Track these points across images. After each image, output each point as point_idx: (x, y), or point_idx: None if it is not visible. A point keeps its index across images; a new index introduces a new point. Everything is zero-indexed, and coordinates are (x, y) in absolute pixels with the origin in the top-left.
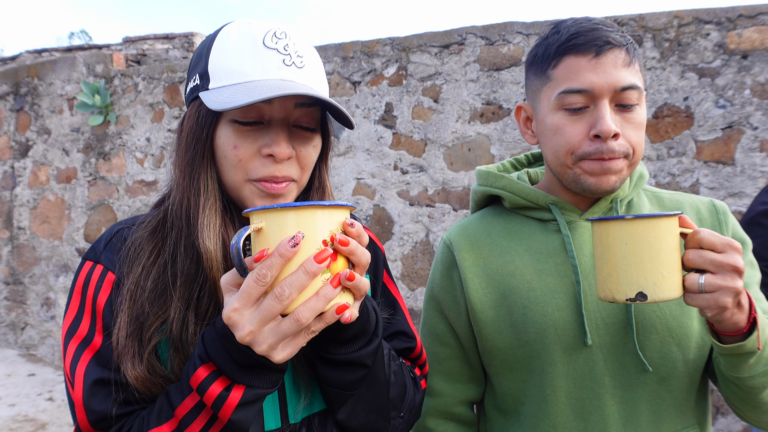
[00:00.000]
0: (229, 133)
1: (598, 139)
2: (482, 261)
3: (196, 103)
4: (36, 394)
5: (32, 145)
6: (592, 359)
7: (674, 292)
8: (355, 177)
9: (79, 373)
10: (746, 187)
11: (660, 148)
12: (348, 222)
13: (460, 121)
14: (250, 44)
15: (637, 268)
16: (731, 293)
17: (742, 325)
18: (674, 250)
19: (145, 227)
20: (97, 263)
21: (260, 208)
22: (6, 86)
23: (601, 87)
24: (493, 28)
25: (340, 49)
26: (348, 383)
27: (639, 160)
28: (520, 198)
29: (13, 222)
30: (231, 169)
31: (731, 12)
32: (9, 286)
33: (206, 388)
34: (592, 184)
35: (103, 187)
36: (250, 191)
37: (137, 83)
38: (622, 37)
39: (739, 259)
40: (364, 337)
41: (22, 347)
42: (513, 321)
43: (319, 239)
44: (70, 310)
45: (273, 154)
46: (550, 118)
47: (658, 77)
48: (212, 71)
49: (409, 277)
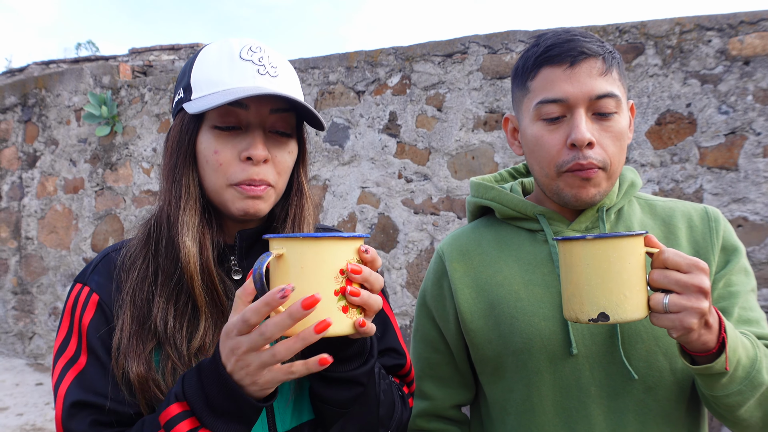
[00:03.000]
0: (210, 138)
1: (575, 147)
2: (472, 271)
3: (181, 114)
4: (44, 404)
5: (40, 155)
6: (578, 369)
7: (637, 312)
8: (359, 186)
9: (61, 393)
10: (750, 192)
11: (663, 155)
12: (363, 249)
13: (463, 129)
14: (228, 57)
15: (599, 289)
16: (696, 314)
17: (711, 345)
18: (638, 270)
19: (138, 239)
20: (85, 285)
21: (282, 236)
22: (14, 97)
23: (576, 96)
24: (496, 37)
25: (344, 59)
26: (343, 401)
27: (617, 171)
28: (508, 209)
29: (21, 232)
30: (212, 173)
31: (733, 18)
32: (17, 295)
33: (173, 425)
34: (572, 197)
35: (110, 197)
36: (231, 195)
37: (143, 94)
38: (599, 47)
39: (704, 280)
40: (362, 355)
41: (30, 357)
42: (501, 331)
43: (336, 268)
44: (60, 330)
45: (250, 156)
46: (531, 129)
47: (660, 84)
48: (194, 83)
49: (414, 285)
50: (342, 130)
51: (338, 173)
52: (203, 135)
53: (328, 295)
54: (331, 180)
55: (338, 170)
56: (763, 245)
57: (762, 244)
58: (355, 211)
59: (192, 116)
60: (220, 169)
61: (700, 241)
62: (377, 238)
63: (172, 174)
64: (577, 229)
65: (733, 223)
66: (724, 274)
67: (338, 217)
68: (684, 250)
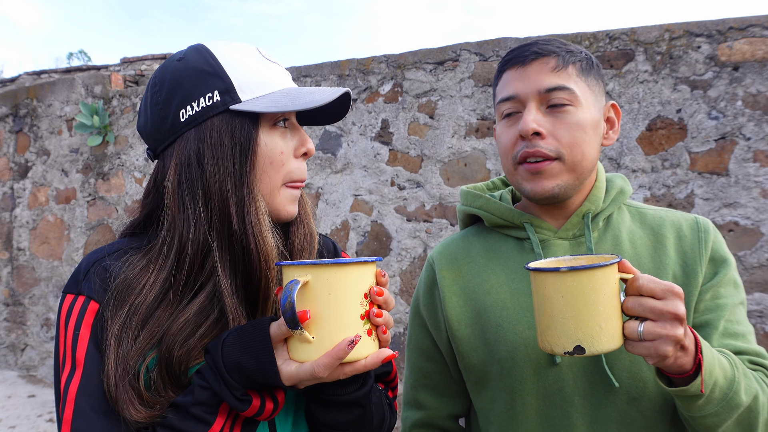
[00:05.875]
0: (275, 137)
1: (524, 139)
2: (461, 279)
3: (223, 116)
4: (36, 416)
5: (31, 166)
6: (561, 378)
7: (613, 343)
8: (352, 193)
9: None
10: (741, 197)
11: (654, 160)
12: (382, 272)
13: (455, 136)
14: (255, 59)
15: (574, 322)
16: (671, 341)
17: (687, 368)
18: (612, 299)
19: (133, 265)
20: (79, 295)
21: (307, 263)
22: (5, 108)
23: (525, 91)
24: (487, 44)
25: (336, 67)
26: (344, 423)
27: (582, 164)
28: (496, 217)
29: (13, 243)
30: (275, 173)
31: (721, 24)
32: (9, 307)
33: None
34: (529, 189)
35: (102, 207)
36: (284, 195)
37: (135, 103)
38: (556, 48)
39: (679, 306)
40: (361, 377)
41: (22, 368)
42: (487, 339)
43: (361, 292)
44: (57, 350)
45: (308, 151)
46: (497, 129)
47: (650, 90)
48: (239, 85)
49: (408, 292)
50: (334, 138)
51: (331, 181)
52: (264, 136)
53: (356, 319)
54: (324, 188)
55: (331, 178)
56: (754, 250)
57: (753, 249)
58: (348, 219)
59: (249, 118)
60: (282, 168)
61: (689, 252)
62: (370, 246)
63: (235, 178)
64: (563, 237)
65: (725, 228)
66: (711, 286)
67: (331, 225)
68: (672, 260)
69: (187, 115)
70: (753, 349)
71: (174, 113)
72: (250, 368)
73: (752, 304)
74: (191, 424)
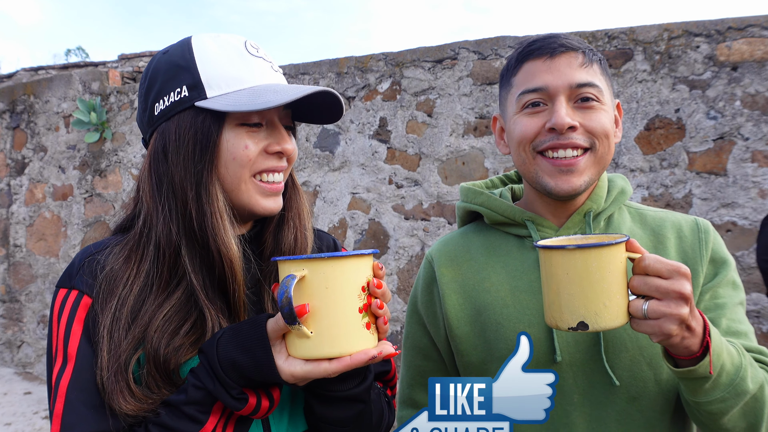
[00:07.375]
0: (240, 134)
1: (554, 132)
2: (460, 277)
3: (188, 112)
4: (32, 413)
5: (28, 162)
6: (561, 376)
7: (617, 320)
8: (350, 192)
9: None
10: (739, 197)
11: (653, 160)
12: (379, 265)
13: (453, 135)
14: (236, 53)
15: (579, 298)
16: (675, 320)
17: (694, 350)
18: (618, 277)
19: (116, 257)
20: (72, 289)
21: (303, 258)
22: (2, 104)
23: (556, 85)
24: (486, 43)
25: (334, 65)
26: (344, 419)
27: (606, 155)
28: (497, 214)
29: (10, 239)
30: (238, 168)
31: (720, 24)
32: (5, 304)
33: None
34: (552, 186)
35: (99, 204)
36: (253, 191)
37: (133, 100)
38: (579, 44)
39: (685, 285)
40: (361, 373)
41: (19, 365)
42: (486, 337)
43: (359, 285)
44: (50, 342)
45: (283, 150)
46: (513, 121)
47: (649, 89)
48: (207, 81)
49: (405, 291)
50: (332, 136)
51: (329, 179)
52: (228, 132)
53: (354, 312)
54: (322, 186)
55: (329, 176)
56: (752, 250)
57: (751, 249)
58: (345, 217)
59: (214, 115)
60: (248, 163)
61: (689, 252)
62: (368, 244)
63: (196, 179)
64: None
65: (723, 228)
66: (711, 287)
67: (329, 223)
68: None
69: (159, 109)
70: (755, 347)
71: (150, 106)
72: (247, 366)
73: (750, 304)
74: (184, 423)
